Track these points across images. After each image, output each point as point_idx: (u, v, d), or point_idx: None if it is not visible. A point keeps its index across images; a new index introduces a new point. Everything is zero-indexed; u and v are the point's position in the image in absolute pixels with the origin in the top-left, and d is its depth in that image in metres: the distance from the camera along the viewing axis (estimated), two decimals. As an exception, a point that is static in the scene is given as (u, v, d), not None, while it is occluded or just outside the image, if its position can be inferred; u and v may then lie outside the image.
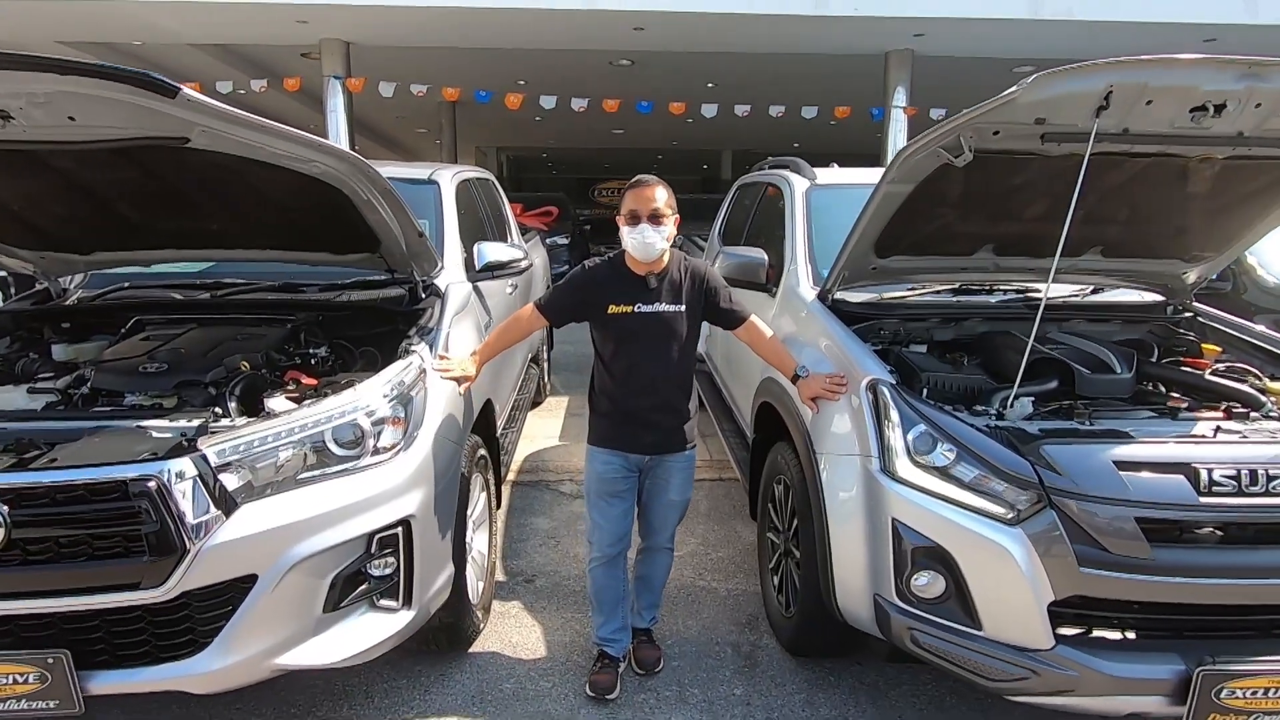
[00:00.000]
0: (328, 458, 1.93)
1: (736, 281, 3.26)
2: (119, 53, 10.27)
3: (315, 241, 2.60)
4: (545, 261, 6.28)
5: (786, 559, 2.66)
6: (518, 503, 4.08)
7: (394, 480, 2.00)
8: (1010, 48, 9.34)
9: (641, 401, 2.28)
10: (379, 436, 2.02)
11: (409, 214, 2.33)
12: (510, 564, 3.36)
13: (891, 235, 2.47)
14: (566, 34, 8.93)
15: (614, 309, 2.23)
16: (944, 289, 2.91)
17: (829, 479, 2.20)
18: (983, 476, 1.89)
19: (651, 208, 2.16)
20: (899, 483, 1.98)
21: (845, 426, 2.20)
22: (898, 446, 2.00)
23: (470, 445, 2.59)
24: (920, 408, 2.02)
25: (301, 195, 2.20)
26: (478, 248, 3.16)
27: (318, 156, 1.96)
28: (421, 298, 2.74)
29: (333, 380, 2.29)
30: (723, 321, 2.40)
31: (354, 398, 2.00)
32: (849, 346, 2.38)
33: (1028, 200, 2.37)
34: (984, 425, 2.01)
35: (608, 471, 2.35)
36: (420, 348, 2.34)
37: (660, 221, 2.17)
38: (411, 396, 2.14)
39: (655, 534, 2.49)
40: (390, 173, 3.80)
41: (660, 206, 2.17)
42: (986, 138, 2.03)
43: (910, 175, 2.20)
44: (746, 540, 3.60)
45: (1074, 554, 1.76)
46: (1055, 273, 2.74)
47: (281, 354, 2.46)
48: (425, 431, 2.16)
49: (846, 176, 3.79)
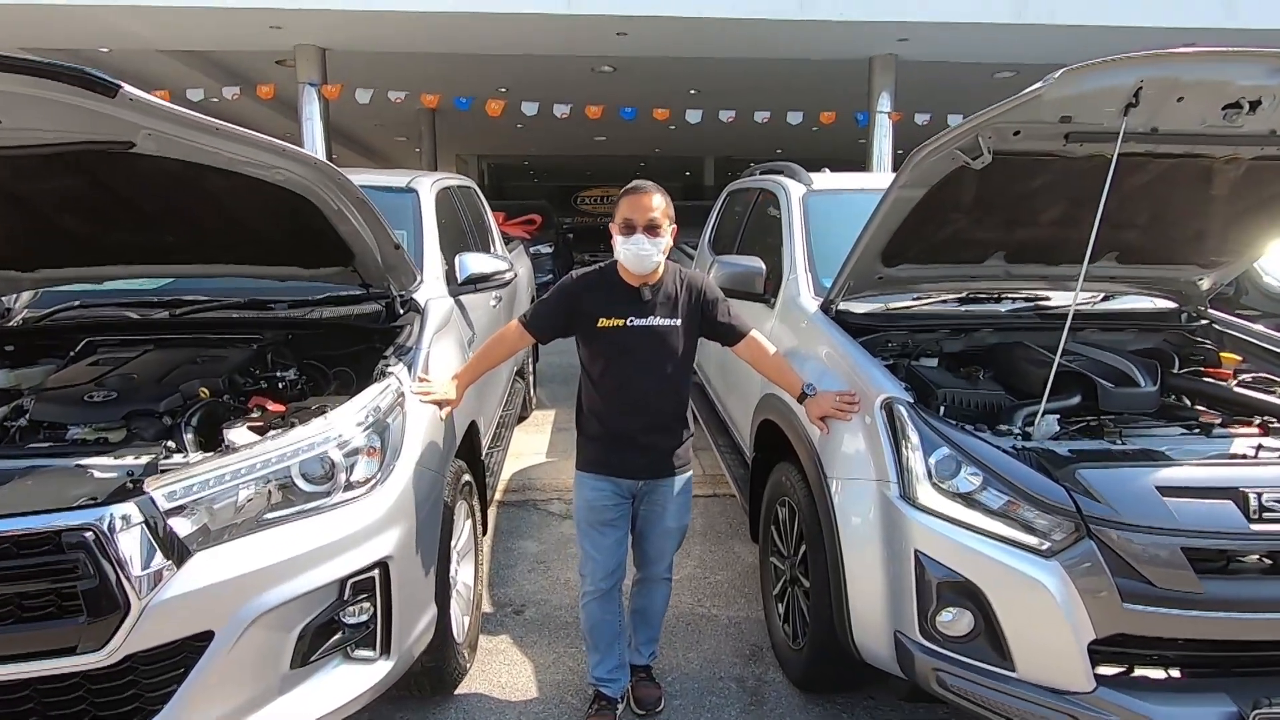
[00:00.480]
0: (295, 495, 1.74)
1: (732, 292, 3.10)
2: (85, 59, 9.96)
3: (284, 255, 2.40)
4: (530, 271, 6.10)
5: (793, 586, 2.50)
6: (505, 525, 3.89)
7: (369, 518, 1.82)
8: (993, 52, 9.33)
9: (633, 422, 2.12)
10: (352, 470, 1.83)
11: (384, 224, 2.15)
12: (497, 593, 3.17)
13: (900, 242, 2.33)
14: (547, 39, 8.78)
15: (604, 322, 2.06)
16: (951, 298, 2.78)
17: (842, 505, 2.05)
18: (1012, 503, 1.75)
19: (648, 217, 2.01)
20: (921, 510, 1.83)
21: (859, 449, 2.05)
22: (918, 471, 1.85)
23: (454, 471, 2.41)
24: (942, 428, 1.87)
25: (266, 205, 2.02)
26: (459, 259, 2.98)
27: (280, 162, 1.77)
28: (400, 313, 2.55)
29: (302, 406, 2.10)
30: (721, 336, 2.24)
31: (324, 427, 1.81)
32: (858, 361, 2.23)
33: (1044, 204, 2.24)
34: (1010, 446, 1.87)
35: (598, 498, 2.17)
36: (398, 369, 2.15)
37: (656, 232, 2.01)
38: (388, 424, 1.96)
39: (652, 564, 2.32)
40: (366, 180, 3.64)
41: (657, 216, 2.02)
42: (1006, 138, 1.90)
43: (923, 179, 2.06)
44: (746, 562, 3.44)
45: (1116, 588, 1.61)
46: (1067, 280, 2.64)
47: (246, 378, 2.27)
48: (404, 462, 1.97)
49: (844, 181, 3.66)
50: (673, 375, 2.13)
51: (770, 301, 3.09)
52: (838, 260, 2.98)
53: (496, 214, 9.90)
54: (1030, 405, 2.07)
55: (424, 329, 2.35)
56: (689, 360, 2.19)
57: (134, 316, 2.53)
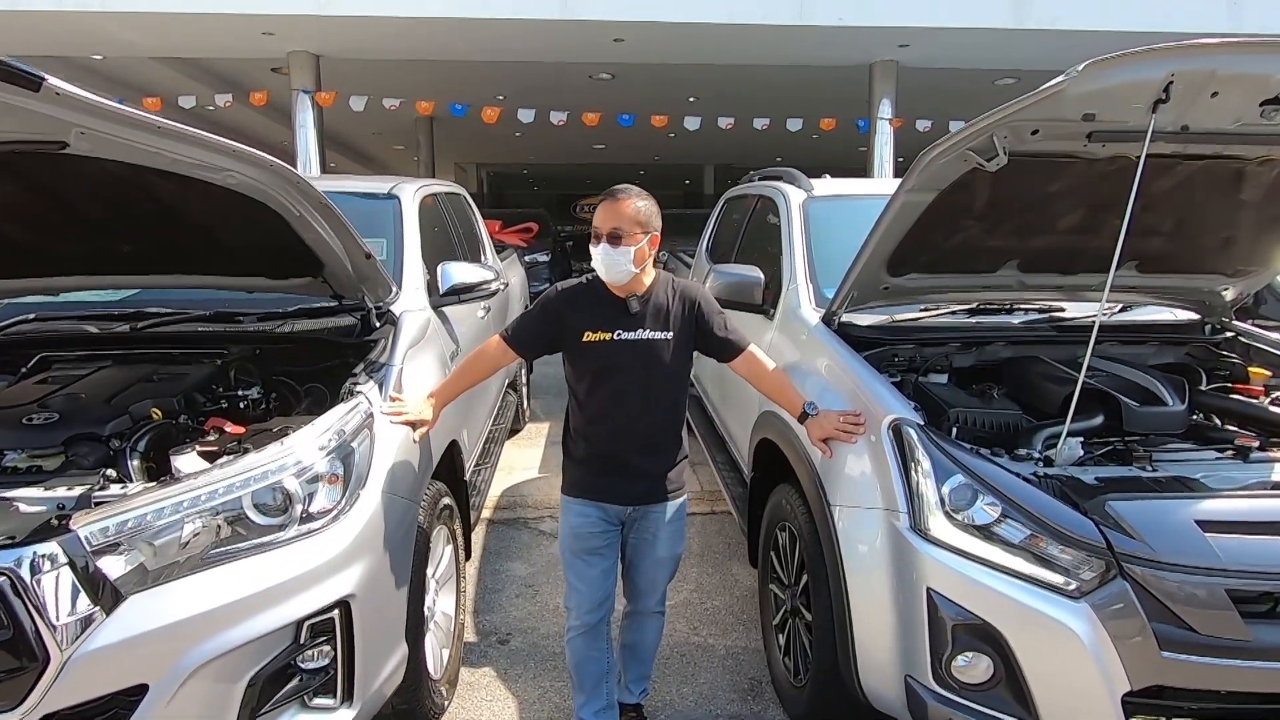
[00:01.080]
0: (246, 529, 1.59)
1: (729, 303, 2.94)
2: (76, 67, 9.87)
3: (249, 265, 2.25)
4: (523, 280, 5.95)
5: (794, 618, 2.34)
6: (493, 544, 3.72)
7: (330, 552, 1.66)
8: (994, 58, 9.22)
9: (622, 444, 1.96)
10: (311, 500, 1.67)
11: (352, 232, 2.00)
12: (482, 620, 3.00)
13: (907, 250, 2.18)
14: (544, 46, 8.67)
15: (590, 336, 1.91)
16: (960, 309, 2.63)
17: (846, 536, 1.89)
18: (1034, 537, 1.59)
19: (610, 226, 1.84)
20: (933, 544, 1.67)
21: (864, 474, 1.89)
22: (930, 500, 1.69)
23: (431, 495, 2.25)
24: (956, 453, 1.72)
25: (225, 211, 1.87)
26: (442, 269, 2.83)
27: (231, 164, 1.62)
28: (375, 326, 2.40)
29: (263, 428, 1.94)
30: (717, 351, 2.09)
31: (280, 453, 1.65)
32: (863, 378, 2.08)
33: (1062, 210, 2.09)
34: (1030, 473, 1.71)
35: (583, 525, 2.01)
36: (368, 387, 2.00)
37: (618, 241, 1.84)
38: (353, 448, 1.80)
39: (643, 596, 2.15)
40: (347, 187, 3.50)
41: (621, 225, 1.84)
42: (1023, 138, 1.75)
43: (932, 182, 1.91)
44: (745, 585, 3.27)
45: (1153, 634, 1.45)
46: (1084, 290, 2.49)
47: (206, 396, 2.12)
48: (371, 488, 1.81)
49: (845, 187, 3.52)
50: (664, 393, 1.98)
51: (769, 313, 2.94)
52: (840, 270, 2.83)
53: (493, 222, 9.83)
54: (1051, 426, 1.91)
55: (396, 343, 2.19)
56: (683, 377, 2.04)
57: (93, 330, 2.38)
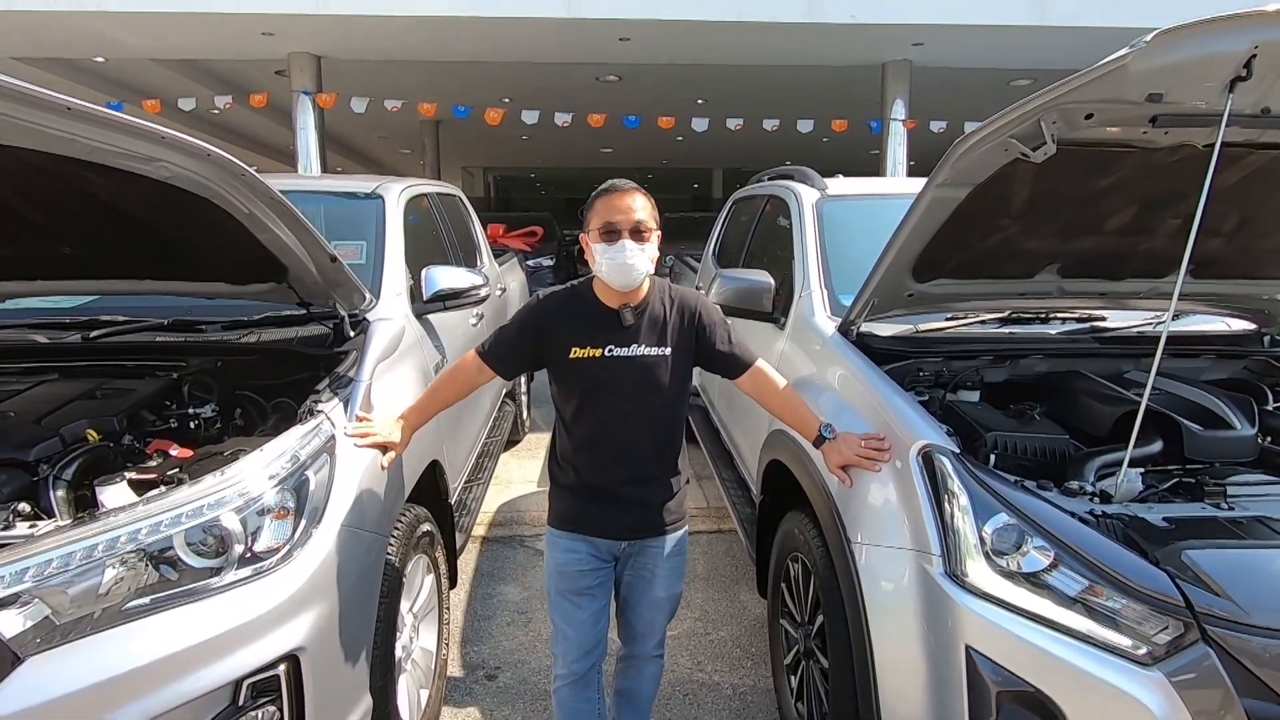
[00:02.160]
0: (177, 573, 1.37)
1: (736, 310, 2.73)
2: (79, 69, 9.78)
3: (208, 269, 2.05)
4: (523, 285, 5.74)
5: (808, 660, 2.10)
6: (485, 565, 3.50)
7: (276, 598, 1.44)
8: (1010, 58, 8.96)
9: (614, 473, 1.75)
10: (256, 537, 1.46)
11: (314, 232, 1.79)
12: (469, 651, 2.78)
13: (935, 253, 1.95)
14: (548, 45, 8.49)
15: (578, 352, 1.70)
16: (990, 318, 2.39)
17: (870, 579, 1.65)
18: (1094, 588, 1.35)
19: (634, 219, 1.65)
20: (973, 594, 1.43)
21: (890, 508, 1.66)
22: (969, 542, 1.46)
23: (407, 523, 2.04)
24: (999, 487, 1.48)
25: (171, 209, 1.67)
26: (426, 273, 2.63)
27: (162, 153, 1.41)
28: (348, 336, 2.19)
29: (214, 451, 1.73)
30: (721, 367, 1.86)
31: (219, 484, 1.44)
32: (887, 396, 1.84)
33: (1111, 208, 1.86)
34: (1086, 511, 1.48)
35: (571, 562, 1.79)
36: (330, 405, 1.79)
37: (644, 237, 1.66)
38: (308, 476, 1.59)
39: (639, 640, 1.92)
40: (328, 186, 3.31)
41: (643, 217, 1.66)
42: (1075, 123, 1.52)
43: (967, 175, 1.68)
44: (754, 614, 3.03)
45: (1243, 712, 1.21)
46: (1129, 297, 2.25)
47: (156, 414, 1.91)
48: (329, 522, 1.60)
49: (861, 186, 3.29)
50: (662, 415, 1.75)
51: (780, 321, 2.71)
52: (857, 275, 2.59)
53: (496, 225, 9.66)
54: (1104, 454, 1.67)
55: (365, 356, 1.98)
56: (682, 396, 1.81)
57: (41, 340, 2.18)
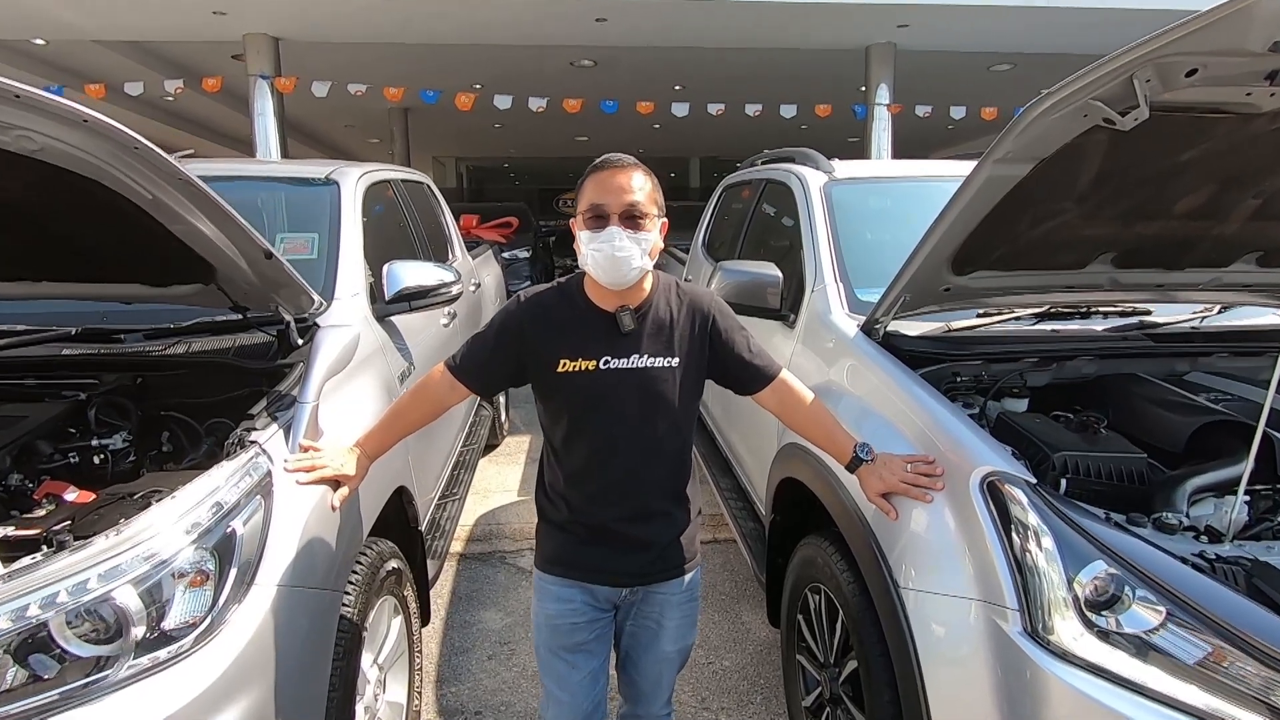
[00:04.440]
0: (55, 666, 1.05)
1: (739, 307, 2.44)
2: (16, 52, 9.15)
3: (121, 268, 1.71)
4: (499, 280, 5.40)
5: (834, 707, 1.84)
6: (463, 587, 3.20)
7: (191, 690, 1.12)
8: (994, 40, 8.78)
9: (614, 508, 1.46)
10: (163, 613, 1.14)
11: (240, 223, 1.45)
12: (445, 694, 2.48)
13: (981, 240, 1.68)
14: (521, 27, 8.10)
15: (568, 365, 1.40)
16: (1026, 314, 2.13)
17: (924, 631, 1.38)
18: (1217, 654, 1.09)
19: (626, 201, 1.35)
20: (1062, 659, 1.16)
21: (947, 546, 1.38)
22: (1056, 594, 1.19)
23: (369, 564, 1.73)
24: (1091, 526, 1.21)
25: (51, 192, 1.33)
26: (388, 270, 2.30)
27: (21, 119, 1.07)
28: (296, 345, 1.86)
29: (120, 493, 1.40)
30: (739, 381, 1.55)
31: (112, 547, 1.12)
32: (934, 410, 1.57)
33: (1186, 186, 1.60)
34: (1193, 554, 1.22)
35: (564, 614, 1.50)
36: (268, 434, 1.46)
37: (639, 224, 1.36)
38: (235, 528, 1.27)
39: (645, 700, 1.63)
40: (278, 171, 2.95)
41: (640, 200, 1.36)
42: (1174, 80, 1.25)
43: (1034, 148, 1.41)
44: (760, 638, 2.77)
45: None
46: (1187, 288, 2.01)
47: (55, 447, 1.57)
48: (263, 584, 1.28)
49: (870, 169, 3.01)
50: (669, 439, 1.46)
51: (789, 319, 2.43)
52: (873, 267, 2.34)
53: (470, 216, 9.26)
54: (1195, 477, 1.42)
55: (311, 370, 1.65)
56: (691, 415, 1.51)
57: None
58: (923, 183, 2.82)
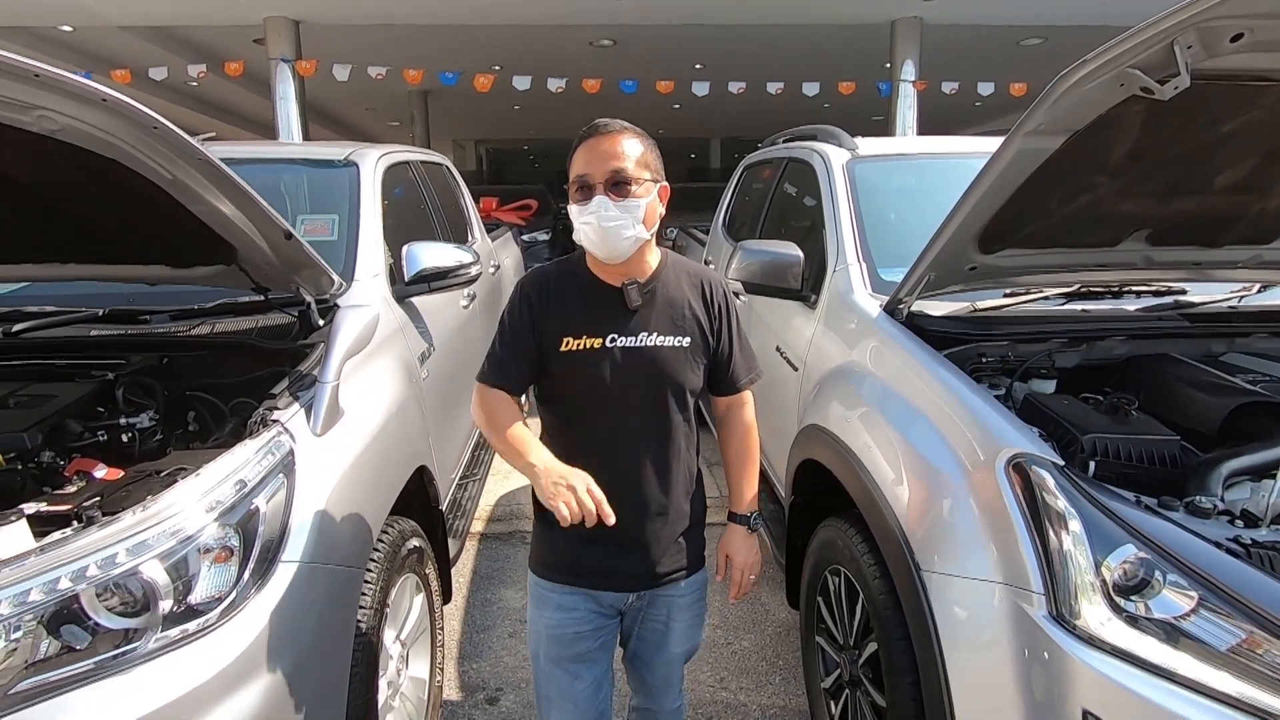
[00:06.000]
0: (86, 638, 1.08)
1: (760, 287, 2.42)
2: (44, 39, 9.27)
3: (145, 250, 1.73)
4: (519, 262, 5.40)
5: (854, 689, 1.83)
6: (483, 566, 3.23)
7: (217, 663, 1.15)
8: (1023, 13, 8.50)
9: (622, 503, 1.32)
10: (190, 587, 1.16)
11: (260, 204, 1.45)
12: (467, 670, 2.51)
13: (1009, 217, 1.63)
14: (541, 7, 8.02)
15: (571, 343, 1.32)
16: (1054, 293, 2.08)
17: (946, 614, 1.36)
18: (1252, 641, 1.06)
19: (610, 168, 1.27)
20: (1089, 645, 1.14)
21: (970, 529, 1.36)
22: (1085, 578, 1.17)
23: (391, 542, 1.75)
24: (1121, 509, 1.19)
25: (72, 173, 1.34)
26: (407, 251, 2.30)
27: (43, 99, 1.08)
28: (317, 325, 1.87)
29: (147, 470, 1.43)
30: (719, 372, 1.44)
31: (140, 522, 1.14)
32: (960, 391, 1.54)
33: (1227, 160, 1.54)
34: (1228, 539, 1.18)
35: (567, 623, 1.41)
36: (289, 414, 1.48)
37: (628, 190, 1.27)
38: (258, 506, 1.28)
39: (655, 694, 1.57)
40: (296, 153, 2.95)
41: (628, 167, 1.28)
42: (1217, 46, 1.19)
43: (1067, 119, 1.36)
44: (778, 619, 2.77)
45: None
46: (1225, 266, 1.94)
47: (85, 425, 1.60)
48: (287, 560, 1.30)
49: (894, 146, 2.95)
50: (679, 427, 1.38)
51: (810, 300, 2.40)
52: (897, 246, 2.30)
53: (489, 199, 9.26)
54: (1231, 459, 1.38)
55: (331, 351, 1.66)
56: (694, 401, 1.42)
57: (-45, 336, 1.86)
58: (949, 159, 2.75)
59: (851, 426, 1.87)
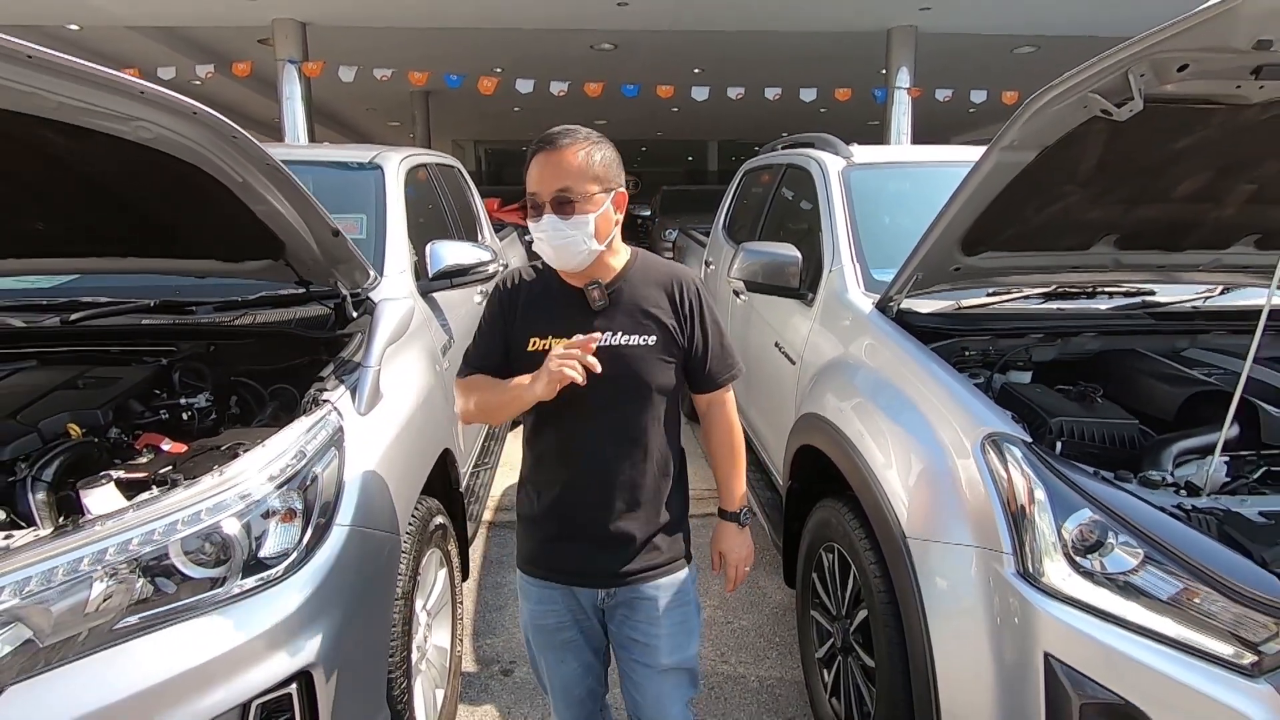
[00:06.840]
0: (174, 585, 1.23)
1: (760, 286, 2.58)
2: (53, 38, 9.39)
3: (198, 245, 1.88)
4: (524, 261, 5.55)
5: (846, 656, 1.99)
6: (494, 552, 3.38)
7: (284, 610, 1.30)
8: (1017, 22, 8.73)
9: (585, 497, 1.38)
10: (260, 542, 1.32)
11: (314, 203, 1.62)
12: (482, 645, 2.66)
13: (989, 222, 1.80)
14: (543, 11, 8.19)
15: (537, 343, 1.34)
16: (1034, 293, 2.25)
17: (928, 577, 1.53)
18: (1189, 591, 1.23)
19: (556, 188, 1.26)
20: (1051, 597, 1.31)
21: (950, 500, 1.53)
22: (1047, 540, 1.33)
23: (421, 517, 1.90)
24: (1079, 480, 1.35)
25: (155, 177, 1.49)
26: (431, 248, 2.46)
27: (142, 112, 1.24)
28: (352, 317, 2.03)
29: (209, 444, 1.58)
30: (697, 370, 1.42)
31: (217, 486, 1.29)
32: (942, 379, 1.71)
33: (1183, 173, 1.71)
34: (1173, 505, 1.35)
35: (544, 615, 1.45)
36: (337, 394, 1.63)
37: (568, 209, 1.26)
38: (316, 474, 1.44)
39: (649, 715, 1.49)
40: (323, 155, 3.12)
41: (569, 183, 1.26)
42: (1167, 75, 1.36)
43: (1038, 136, 1.53)
44: (775, 600, 2.93)
45: (1365, 729, 1.10)
46: (1188, 270, 2.12)
47: (144, 405, 1.75)
48: (340, 524, 1.46)
49: (888, 154, 3.12)
50: (647, 424, 1.37)
51: (807, 298, 2.56)
52: (889, 248, 2.46)
53: (491, 200, 9.40)
54: (1181, 440, 1.55)
55: (374, 339, 1.81)
56: (673, 398, 1.41)
57: (16, 324, 2.01)
58: (937, 168, 2.93)
59: (846, 414, 2.03)
